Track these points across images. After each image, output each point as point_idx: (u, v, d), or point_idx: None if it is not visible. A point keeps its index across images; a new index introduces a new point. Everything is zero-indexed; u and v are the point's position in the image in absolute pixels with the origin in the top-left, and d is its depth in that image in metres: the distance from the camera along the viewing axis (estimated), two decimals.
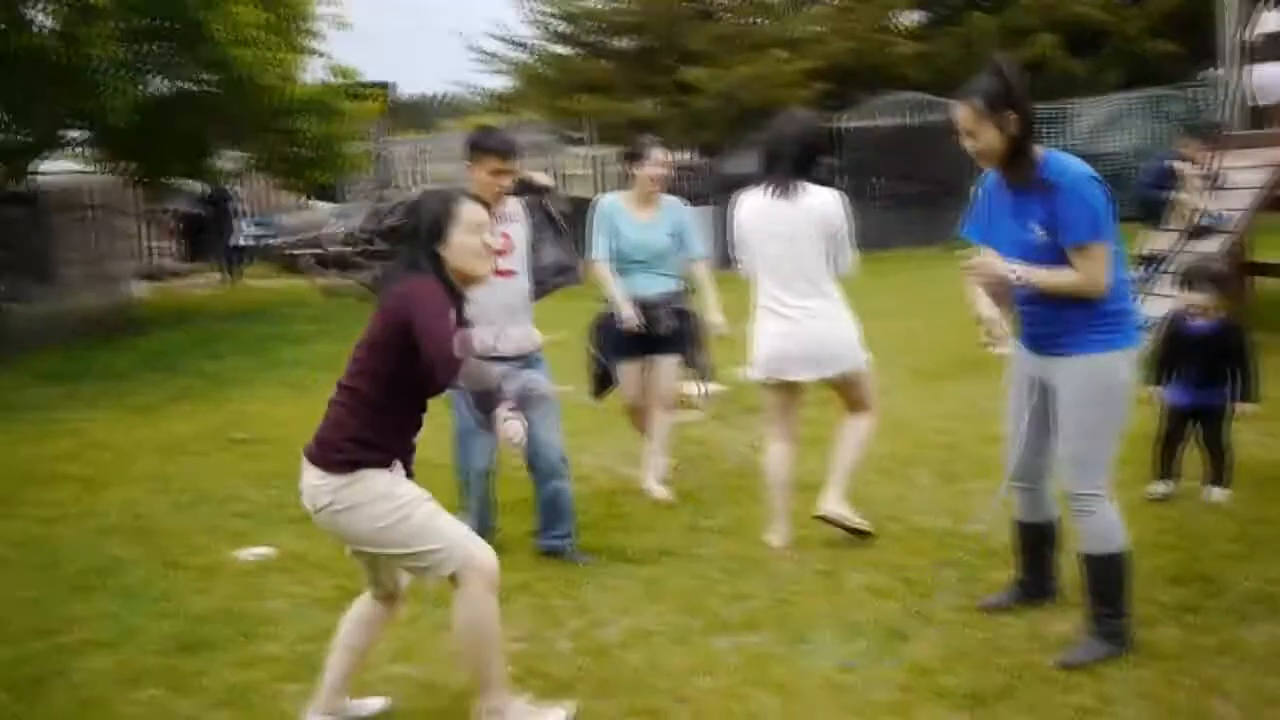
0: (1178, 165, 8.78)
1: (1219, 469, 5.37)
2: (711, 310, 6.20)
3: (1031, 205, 3.81)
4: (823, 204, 5.03)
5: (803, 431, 5.47)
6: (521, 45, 21.28)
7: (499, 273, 4.99)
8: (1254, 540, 4.69)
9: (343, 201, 28.85)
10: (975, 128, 3.77)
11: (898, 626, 4.23)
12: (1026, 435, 4.11)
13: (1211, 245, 7.98)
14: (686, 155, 20.31)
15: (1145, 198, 9.15)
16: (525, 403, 4.90)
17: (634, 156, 6.12)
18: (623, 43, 21.19)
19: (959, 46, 19.32)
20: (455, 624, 3.59)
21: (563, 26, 21.08)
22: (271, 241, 22.78)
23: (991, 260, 3.87)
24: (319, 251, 22.11)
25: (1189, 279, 5.46)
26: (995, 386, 8.00)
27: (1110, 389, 3.82)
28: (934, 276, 14.30)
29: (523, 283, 5.29)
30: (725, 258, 18.72)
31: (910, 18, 21.88)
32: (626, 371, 6.29)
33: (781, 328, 5.10)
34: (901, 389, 8.26)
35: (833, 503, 5.21)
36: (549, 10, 20.70)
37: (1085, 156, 4.08)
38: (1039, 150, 3.82)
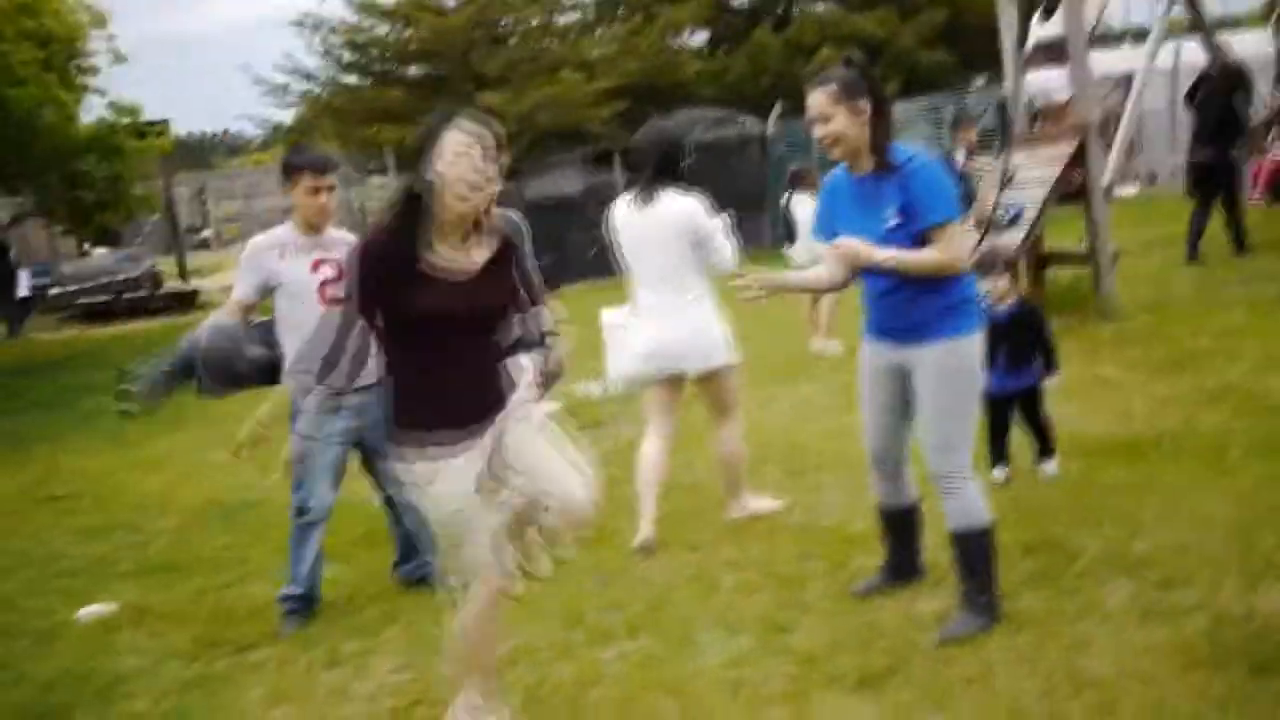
0: (961, 160, 9.21)
1: (1045, 443, 5.66)
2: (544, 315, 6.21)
3: (883, 192, 3.93)
4: (679, 209, 5.18)
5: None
6: (310, 76, 20.83)
7: (330, 303, 4.84)
8: (1092, 508, 4.97)
9: (129, 246, 27.64)
10: (830, 112, 3.88)
11: (777, 620, 4.31)
12: (883, 424, 4.26)
13: (1013, 238, 8.43)
14: None
15: None
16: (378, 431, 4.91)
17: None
18: (414, 70, 20.99)
19: (747, 62, 19.90)
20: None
21: (350, 56, 20.74)
22: (54, 292, 21.62)
23: (859, 246, 3.96)
24: (107, 299, 21.13)
25: (982, 268, 5.72)
26: (825, 386, 8.34)
27: (967, 371, 4.00)
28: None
29: None
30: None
31: (697, 37, 22.41)
32: None
33: (653, 326, 5.29)
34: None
35: (736, 510, 5.52)
36: (335, 40, 20.33)
37: None
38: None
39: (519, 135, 18.40)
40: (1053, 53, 9.96)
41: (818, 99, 3.92)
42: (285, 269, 4.93)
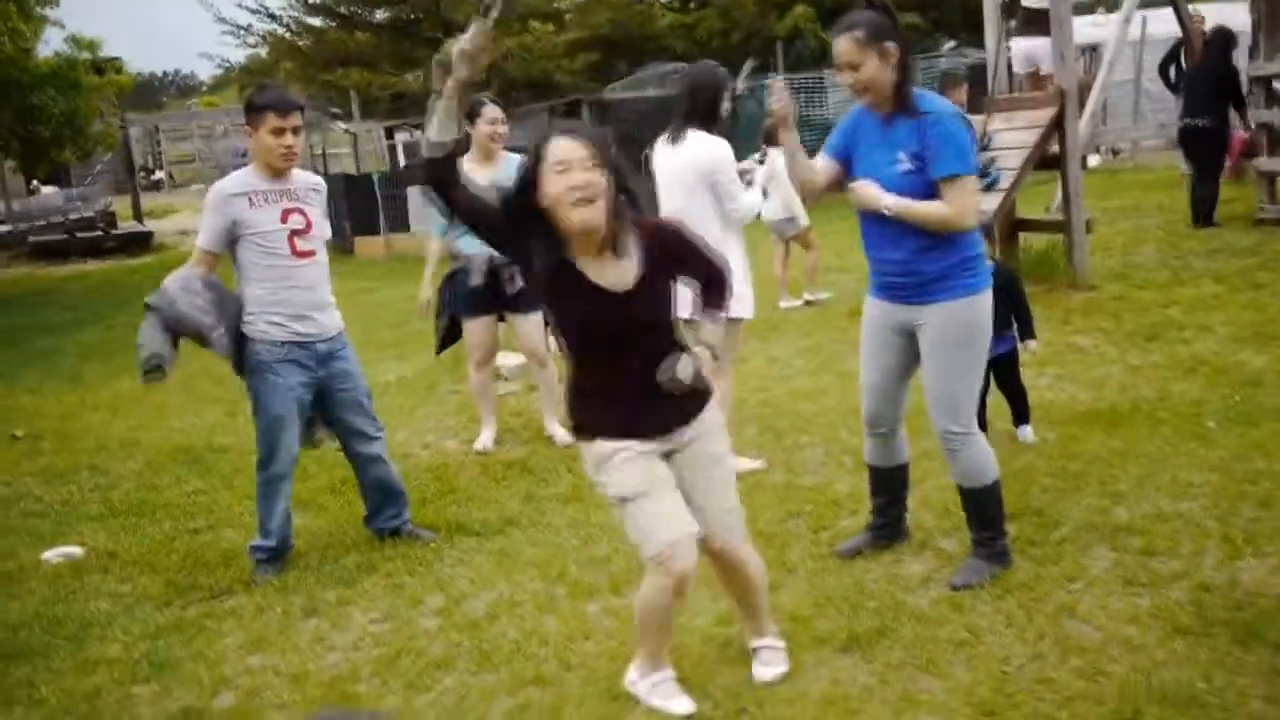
0: None
1: (1023, 408, 5.68)
2: None
3: (901, 136, 3.90)
4: (699, 151, 5.17)
5: None
6: (273, 16, 20.43)
7: (298, 254, 4.83)
8: (1071, 475, 5.00)
9: (77, 186, 27.11)
10: (859, 59, 3.81)
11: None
12: (883, 387, 4.25)
13: (990, 202, 8.43)
14: None
15: None
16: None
17: (470, 116, 6.01)
18: (382, 14, 20.63)
19: (719, 18, 19.74)
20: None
21: None
22: (3, 229, 21.18)
23: (870, 187, 3.93)
24: (60, 238, 20.72)
25: None
26: (795, 346, 8.33)
27: (975, 330, 4.00)
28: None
29: (323, 260, 4.96)
30: None
31: None
32: (475, 328, 6.24)
33: None
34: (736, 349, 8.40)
35: None
36: None
37: None
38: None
39: (486, 84, 18.16)
40: (1032, 21, 9.97)
41: (846, 45, 3.83)
42: (255, 217, 4.75)
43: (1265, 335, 7.02)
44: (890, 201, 3.88)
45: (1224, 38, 11.07)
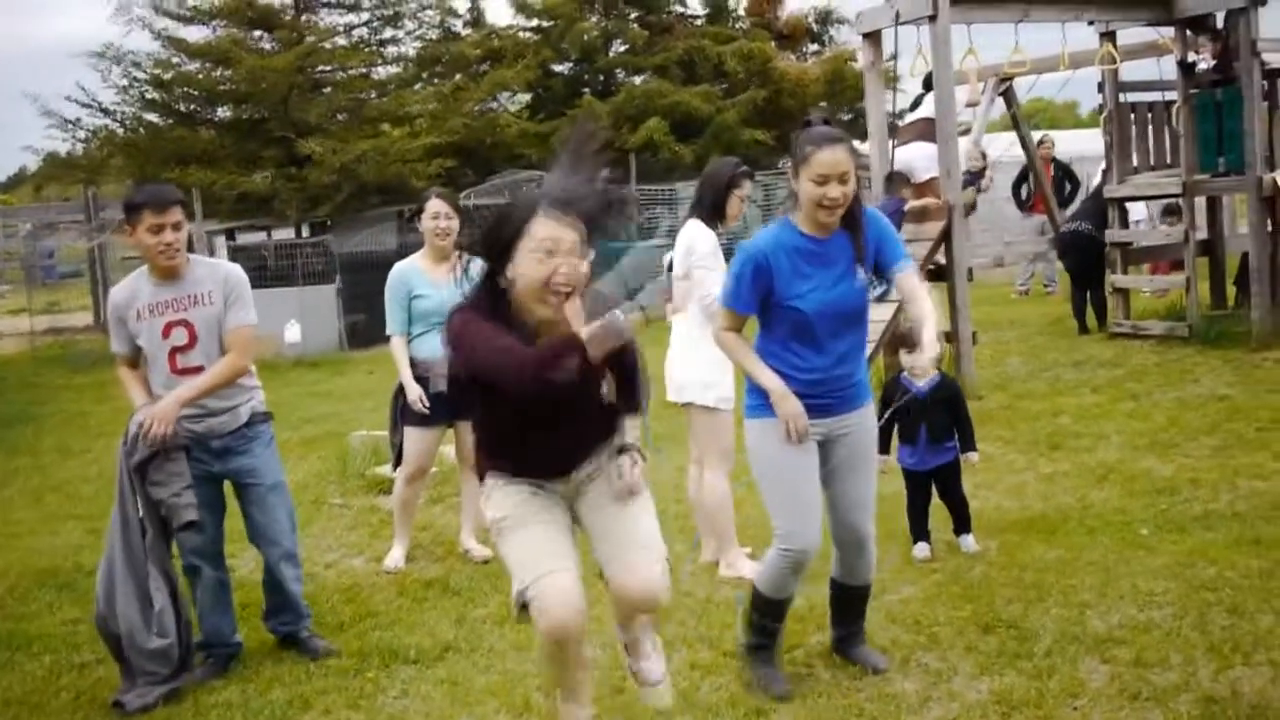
0: None
1: (965, 517, 5.64)
2: None
3: (844, 250, 3.88)
4: (683, 238, 5.34)
5: None
6: (106, 111, 19.55)
7: (178, 372, 4.62)
8: (1029, 585, 4.94)
9: None
10: (849, 171, 3.76)
11: (750, 703, 4.05)
12: (818, 502, 4.08)
13: (884, 313, 8.54)
14: (296, 233, 19.45)
15: None
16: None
17: (417, 213, 5.94)
18: (226, 112, 20.00)
19: (572, 128, 19.85)
20: None
21: (155, 94, 19.58)
22: None
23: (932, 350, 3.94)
24: None
25: (907, 343, 5.69)
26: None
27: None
28: None
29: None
30: (351, 339, 17.83)
31: (519, 99, 22.26)
32: (420, 438, 5.93)
33: (669, 353, 5.51)
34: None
35: (723, 567, 5.51)
36: (139, 76, 19.17)
37: None
38: None
39: (339, 187, 17.77)
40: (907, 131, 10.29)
41: (841, 156, 3.75)
42: (139, 329, 4.63)
43: (1162, 444, 7.23)
44: (934, 350, 3.99)
45: None
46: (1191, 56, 10.28)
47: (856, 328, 4.02)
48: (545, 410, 3.16)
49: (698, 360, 5.24)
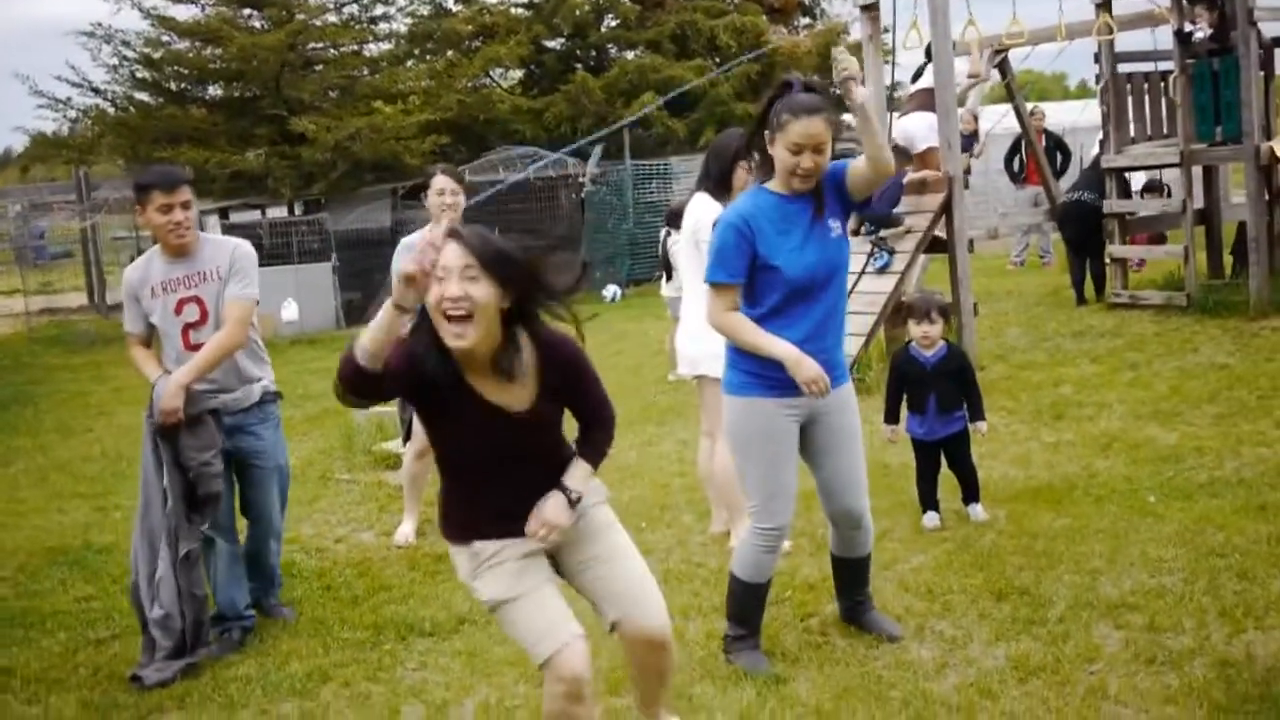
0: None
1: (974, 487, 5.67)
2: None
3: (807, 204, 3.89)
4: (691, 211, 5.37)
5: None
6: (97, 90, 19.41)
7: (191, 348, 4.70)
8: (1039, 553, 4.97)
9: None
10: (826, 140, 3.76)
11: (771, 670, 4.08)
12: (794, 485, 4.10)
13: (885, 285, 8.57)
14: (289, 212, 19.37)
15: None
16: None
17: (422, 188, 5.96)
18: (217, 91, 19.89)
19: (567, 103, 19.81)
20: None
21: (145, 73, 19.46)
22: None
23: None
24: None
25: (916, 313, 5.71)
26: (697, 428, 8.19)
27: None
28: (567, 326, 14.49)
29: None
30: (348, 316, 17.80)
31: (512, 75, 22.20)
32: None
33: (679, 327, 5.65)
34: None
35: (735, 539, 5.32)
36: (129, 55, 19.03)
37: None
38: None
39: (333, 164, 17.70)
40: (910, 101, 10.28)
41: (819, 126, 3.74)
42: (153, 307, 4.76)
43: (1164, 412, 7.27)
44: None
45: None
46: (1188, 26, 10.27)
47: (834, 291, 3.97)
48: (492, 454, 3.09)
49: (710, 333, 5.24)
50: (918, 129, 9.35)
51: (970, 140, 10.89)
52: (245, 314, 4.74)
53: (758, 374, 3.96)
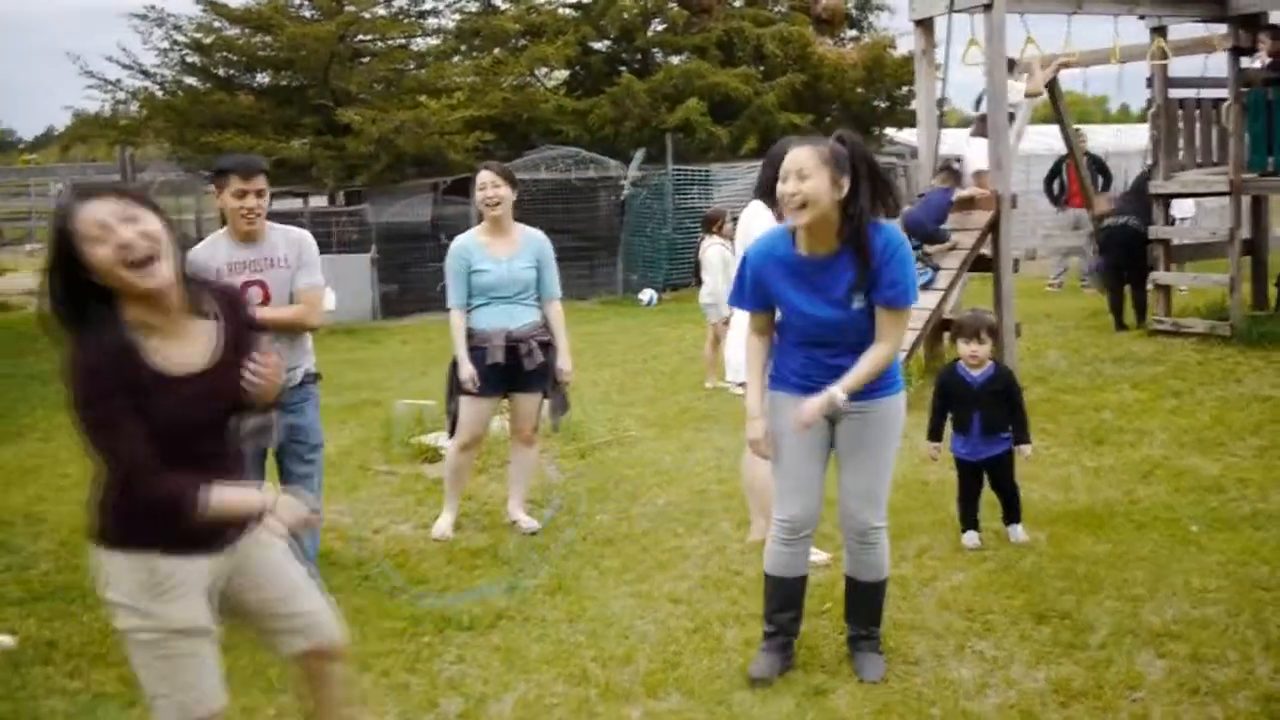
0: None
1: (1015, 508, 5.64)
2: (563, 355, 6.05)
3: (840, 268, 3.87)
4: (744, 218, 5.45)
5: None
6: (147, 73, 19.60)
7: None
8: (1080, 578, 4.95)
9: None
10: (811, 170, 3.74)
11: (810, 682, 4.09)
12: (816, 483, 4.14)
13: (929, 301, 8.54)
14: (329, 201, 19.50)
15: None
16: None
17: (455, 187, 5.98)
18: (265, 79, 20.05)
19: (612, 105, 19.84)
20: None
21: (195, 58, 19.64)
22: None
23: (810, 408, 3.85)
24: None
25: (965, 332, 5.69)
26: (735, 435, 8.20)
27: (898, 427, 4.12)
28: (604, 329, 14.53)
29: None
30: (385, 308, 17.91)
31: (559, 75, 22.27)
32: (477, 408, 5.97)
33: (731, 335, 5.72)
34: (648, 440, 8.21)
35: (757, 530, 5.60)
36: (180, 39, 19.21)
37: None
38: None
39: (376, 156, 17.80)
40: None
41: (804, 154, 3.78)
42: None
43: (1208, 441, 7.22)
44: (838, 394, 3.84)
45: None
46: (1244, 61, 10.21)
47: (845, 347, 3.96)
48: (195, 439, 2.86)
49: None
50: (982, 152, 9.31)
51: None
52: (318, 301, 4.97)
53: (781, 375, 4.10)
